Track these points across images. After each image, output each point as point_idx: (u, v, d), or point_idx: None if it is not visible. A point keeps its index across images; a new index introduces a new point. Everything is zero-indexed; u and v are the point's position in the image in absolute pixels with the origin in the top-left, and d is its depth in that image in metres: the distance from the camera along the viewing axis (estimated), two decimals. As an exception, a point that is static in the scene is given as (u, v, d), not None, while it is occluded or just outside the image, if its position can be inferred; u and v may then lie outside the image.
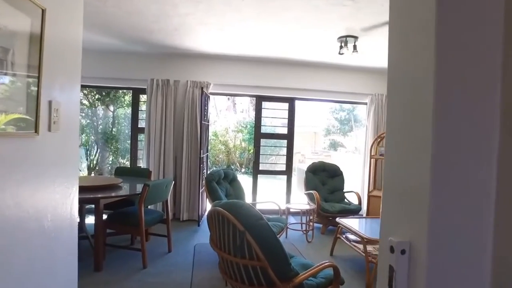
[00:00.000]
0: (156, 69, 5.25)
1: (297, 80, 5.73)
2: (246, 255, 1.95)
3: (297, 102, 5.93)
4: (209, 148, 13.16)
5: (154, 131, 5.09)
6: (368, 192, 5.44)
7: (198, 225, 4.95)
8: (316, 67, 5.76)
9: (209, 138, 13.15)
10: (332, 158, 11.94)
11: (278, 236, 3.63)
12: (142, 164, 5.15)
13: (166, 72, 5.28)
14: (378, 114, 5.93)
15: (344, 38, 4.11)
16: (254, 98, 5.87)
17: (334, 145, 15.23)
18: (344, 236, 3.89)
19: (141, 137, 5.35)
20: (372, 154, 5.53)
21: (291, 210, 4.65)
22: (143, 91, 5.24)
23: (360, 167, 6.16)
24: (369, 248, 3.42)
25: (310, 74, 5.76)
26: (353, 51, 4.21)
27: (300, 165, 11.12)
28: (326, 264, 2.10)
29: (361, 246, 3.51)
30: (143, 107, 5.56)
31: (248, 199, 5.16)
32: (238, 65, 5.53)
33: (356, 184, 6.23)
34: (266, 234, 1.91)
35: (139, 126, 5.45)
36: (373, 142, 5.57)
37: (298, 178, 9.80)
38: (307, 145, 14.64)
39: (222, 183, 4.00)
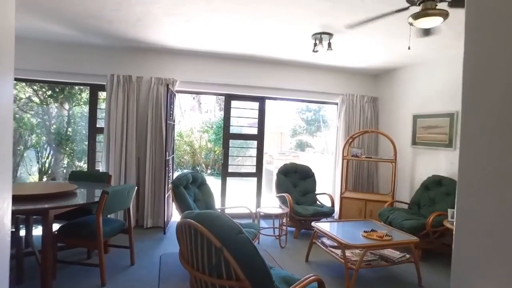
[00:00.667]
0: (117, 64, 4.83)
1: (268, 79, 5.54)
2: (223, 275, 1.69)
3: (267, 102, 5.73)
4: (174, 149, 12.81)
5: (114, 132, 4.67)
6: (341, 193, 5.35)
7: (164, 233, 4.60)
8: (288, 65, 5.60)
9: (175, 139, 12.87)
10: (300, 158, 11.91)
11: (251, 243, 3.42)
12: (101, 167, 4.70)
13: (128, 67, 4.87)
14: (349, 114, 5.88)
15: (319, 35, 3.96)
16: (221, 98, 5.60)
17: (301, 146, 15.26)
18: (320, 241, 3.73)
19: (100, 138, 4.89)
20: (344, 155, 5.46)
21: (262, 213, 4.43)
22: (102, 87, 4.79)
23: (331, 168, 6.09)
24: (348, 253, 3.28)
25: (281, 72, 5.59)
26: (327, 49, 4.07)
27: (268, 166, 10.97)
28: (311, 278, 1.89)
29: (338, 252, 3.36)
30: (102, 105, 5.09)
31: (217, 203, 4.89)
32: (207, 62, 5.23)
33: (327, 185, 6.15)
34: (247, 250, 1.67)
35: (97, 126, 4.98)
36: (345, 143, 5.50)
37: (266, 180, 9.64)
38: (274, 146, 14.55)
39: (191, 188, 3.70)
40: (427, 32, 2.93)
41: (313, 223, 3.80)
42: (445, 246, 4.07)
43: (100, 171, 4.62)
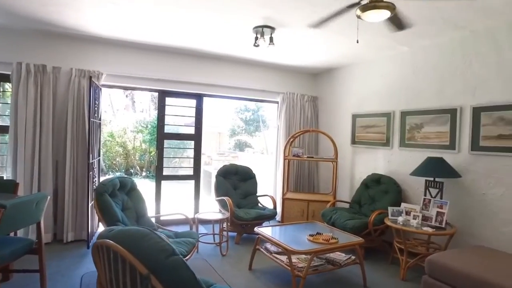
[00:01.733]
0: (26, 51, 4.09)
1: (206, 75, 5.19)
2: (152, 309, 1.34)
3: (205, 99, 5.38)
4: (104, 150, 11.75)
5: (24, 131, 3.94)
6: (283, 195, 5.21)
7: (88, 247, 4.00)
8: (228, 61, 5.31)
9: (104, 139, 11.83)
10: (240, 159, 11.69)
11: (189, 254, 3.06)
12: (5, 174, 3.93)
13: (42, 55, 4.16)
14: (289, 113, 5.78)
15: (261, 29, 3.74)
16: (157, 94, 5.12)
17: (240, 146, 15.08)
18: (263, 247, 3.50)
19: (5, 138, 4.10)
20: (285, 155, 5.33)
21: (200, 218, 4.05)
22: (6, 78, 4.01)
23: (272, 168, 5.94)
24: (294, 259, 3.09)
25: (220, 68, 5.28)
26: (269, 43, 3.86)
27: (206, 167, 10.58)
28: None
29: (283, 258, 3.16)
30: (7, 99, 4.28)
31: (150, 209, 4.42)
32: (138, 54, 4.72)
33: (268, 187, 5.98)
34: (181, 276, 1.34)
35: (0, 124, 4.18)
36: (286, 143, 5.37)
37: (204, 182, 9.24)
38: (212, 146, 14.18)
39: (118, 195, 3.21)
40: (400, 25, 2.86)
41: (256, 229, 3.56)
42: (386, 243, 4.12)
43: (5, 178, 3.84)
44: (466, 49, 3.67)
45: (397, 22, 2.75)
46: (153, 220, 3.66)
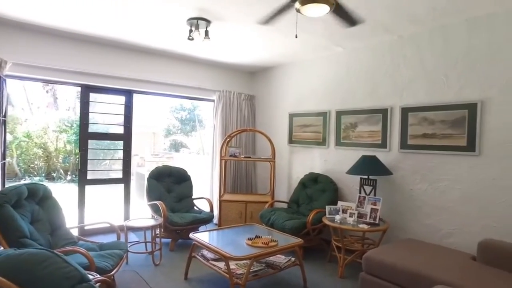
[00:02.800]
0: None
1: (137, 70, 4.77)
2: None
3: (136, 96, 4.96)
4: (18, 153, 10.42)
5: None
6: (220, 196, 5.01)
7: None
8: (161, 56, 4.95)
9: (18, 140, 10.48)
10: (175, 160, 11.21)
11: (116, 268, 2.71)
12: None
13: None
14: (226, 112, 5.60)
15: (195, 21, 3.49)
16: (79, 89, 4.57)
17: (175, 146, 14.52)
18: (199, 254, 3.28)
19: None
20: (222, 155, 5.14)
21: (130, 226, 3.67)
22: None
23: (208, 169, 5.70)
24: (232, 265, 2.91)
25: (153, 63, 4.90)
26: (204, 37, 3.64)
27: (139, 169, 9.97)
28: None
29: (221, 265, 2.97)
30: None
31: (72, 219, 3.92)
32: (57, 42, 4.14)
33: (205, 188, 5.74)
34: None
35: None
36: (223, 143, 5.18)
37: (137, 185, 8.67)
38: (146, 147, 13.43)
39: (25, 205, 2.72)
40: (351, 21, 2.81)
41: (191, 235, 3.31)
42: (323, 241, 4.15)
43: None
44: (395, 53, 3.84)
45: (348, 18, 2.73)
46: (74, 231, 3.21)
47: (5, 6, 3.27)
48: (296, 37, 2.84)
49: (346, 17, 2.68)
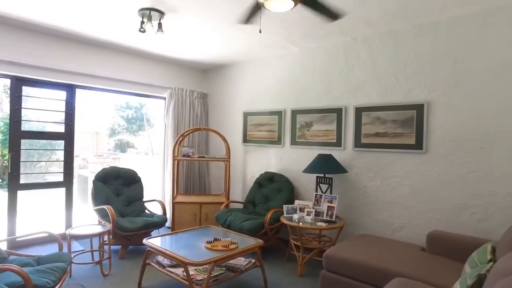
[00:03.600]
0: None
1: (79, 62, 4.37)
2: None
3: (79, 92, 4.55)
4: None
5: None
6: (172, 198, 4.78)
7: None
8: (108, 48, 4.60)
9: None
10: (122, 161, 10.59)
11: (59, 283, 2.43)
12: None
13: None
14: (178, 110, 5.38)
15: (148, 12, 3.28)
16: (8, 81, 4.06)
17: (121, 146, 13.73)
18: (154, 260, 3.07)
19: None
20: (175, 155, 4.92)
21: (74, 234, 3.33)
22: None
23: (159, 170, 5.43)
24: (191, 271, 2.77)
25: (98, 56, 4.53)
26: (157, 30, 3.43)
27: (82, 171, 9.26)
28: None
29: (179, 271, 2.81)
30: None
31: (1, 230, 3.46)
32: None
33: (156, 190, 5.46)
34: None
35: None
36: (176, 142, 4.96)
37: (79, 188, 8.04)
38: (89, 147, 12.54)
39: None
40: (332, 15, 2.75)
41: (144, 241, 3.09)
42: (280, 240, 4.15)
43: None
44: (349, 54, 3.95)
45: (328, 13, 2.69)
46: (3, 245, 2.81)
47: None
48: (260, 32, 2.77)
49: (324, 11, 2.65)
